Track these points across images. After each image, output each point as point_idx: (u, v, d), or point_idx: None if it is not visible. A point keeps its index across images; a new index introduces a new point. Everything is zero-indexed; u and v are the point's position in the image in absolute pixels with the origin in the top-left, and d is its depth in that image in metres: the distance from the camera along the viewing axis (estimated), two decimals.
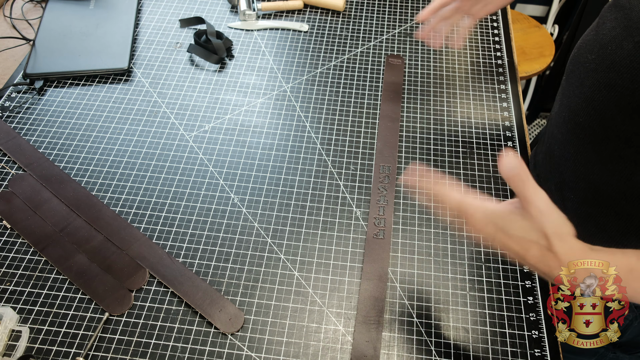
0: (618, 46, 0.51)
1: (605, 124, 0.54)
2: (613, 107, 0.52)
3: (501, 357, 0.58)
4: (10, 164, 0.74)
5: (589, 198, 0.60)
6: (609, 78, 0.52)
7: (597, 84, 0.53)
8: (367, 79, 0.86)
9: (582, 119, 0.57)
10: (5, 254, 0.65)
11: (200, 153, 0.76)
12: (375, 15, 0.97)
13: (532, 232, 0.45)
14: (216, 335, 0.59)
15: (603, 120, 0.54)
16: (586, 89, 0.55)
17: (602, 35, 0.54)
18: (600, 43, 0.53)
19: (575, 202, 0.62)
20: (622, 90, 0.50)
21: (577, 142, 0.59)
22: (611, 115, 0.52)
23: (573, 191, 0.62)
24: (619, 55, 0.50)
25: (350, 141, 0.78)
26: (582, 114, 0.57)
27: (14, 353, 0.57)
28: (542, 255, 0.46)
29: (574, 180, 0.62)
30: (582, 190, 0.61)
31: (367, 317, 0.60)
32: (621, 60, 0.50)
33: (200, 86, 0.85)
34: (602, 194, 0.58)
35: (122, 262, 0.64)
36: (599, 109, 0.54)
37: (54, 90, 0.84)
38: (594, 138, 0.56)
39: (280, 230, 0.68)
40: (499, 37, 0.93)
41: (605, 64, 0.52)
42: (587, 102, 0.55)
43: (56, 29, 0.90)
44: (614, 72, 0.51)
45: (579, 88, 0.57)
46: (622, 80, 0.50)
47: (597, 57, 0.54)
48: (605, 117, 0.53)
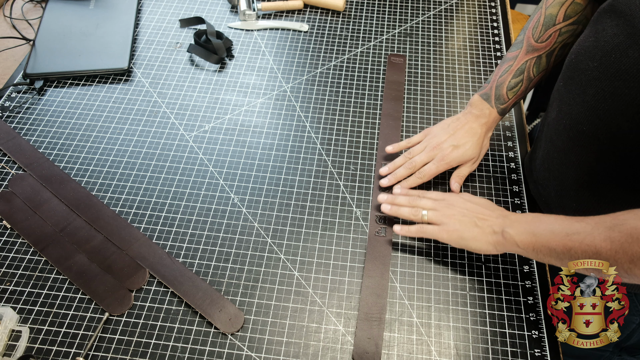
0: (623, 54, 0.50)
1: (611, 133, 0.53)
2: (619, 116, 0.52)
3: (501, 357, 0.58)
4: (10, 164, 0.74)
5: (594, 206, 0.60)
6: (614, 87, 0.51)
7: (601, 92, 0.53)
8: (367, 79, 0.86)
9: (586, 127, 0.56)
10: (5, 254, 0.65)
11: (200, 153, 0.76)
12: (375, 15, 0.97)
13: None
14: (216, 335, 0.59)
15: (609, 129, 0.53)
16: (589, 97, 0.55)
17: (603, 42, 0.53)
18: (603, 50, 0.53)
19: (579, 210, 0.62)
20: (628, 99, 0.50)
21: (580, 150, 0.58)
22: (617, 124, 0.52)
23: (575, 200, 0.62)
24: (625, 63, 0.50)
25: (350, 141, 0.78)
26: (585, 122, 0.56)
27: (14, 353, 0.57)
28: None
29: (576, 189, 0.61)
30: (587, 199, 0.60)
31: (368, 314, 0.60)
32: (627, 68, 0.50)
33: (200, 86, 0.85)
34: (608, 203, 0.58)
35: (122, 262, 0.64)
36: (604, 117, 0.53)
37: (54, 90, 0.84)
38: (598, 147, 0.56)
39: (280, 230, 0.68)
40: (499, 37, 0.93)
41: (609, 72, 0.52)
42: (590, 111, 0.55)
43: (56, 29, 0.90)
44: (620, 80, 0.50)
45: (581, 96, 0.56)
46: (629, 89, 0.49)
47: (599, 65, 0.53)
48: (610, 126, 0.53)
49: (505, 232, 0.55)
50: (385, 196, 0.66)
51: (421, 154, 0.68)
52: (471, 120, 0.69)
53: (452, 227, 0.59)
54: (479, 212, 0.60)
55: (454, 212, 0.61)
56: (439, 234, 0.60)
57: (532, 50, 0.66)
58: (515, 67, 0.67)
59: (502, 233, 0.56)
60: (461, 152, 0.67)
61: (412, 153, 0.70)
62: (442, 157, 0.67)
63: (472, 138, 0.68)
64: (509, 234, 0.55)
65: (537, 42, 0.65)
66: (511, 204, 0.71)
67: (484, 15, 0.97)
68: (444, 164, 0.67)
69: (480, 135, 0.69)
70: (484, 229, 0.58)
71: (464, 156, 0.68)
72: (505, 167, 0.75)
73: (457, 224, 0.59)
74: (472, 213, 0.60)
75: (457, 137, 0.68)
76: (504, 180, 0.73)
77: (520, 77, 0.67)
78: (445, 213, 0.61)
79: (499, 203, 0.71)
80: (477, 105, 0.70)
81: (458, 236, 0.59)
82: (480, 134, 0.69)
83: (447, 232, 0.59)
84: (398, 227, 0.63)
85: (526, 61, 0.67)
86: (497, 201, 0.71)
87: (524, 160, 0.76)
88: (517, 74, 0.67)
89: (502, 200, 0.71)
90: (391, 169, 0.70)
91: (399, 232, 0.63)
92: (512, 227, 0.55)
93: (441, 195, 0.64)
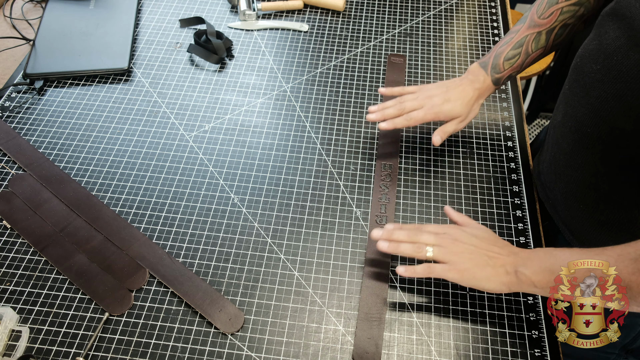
0: (624, 56, 0.51)
1: (614, 134, 0.54)
2: (622, 118, 0.52)
3: (501, 357, 0.58)
4: (10, 164, 0.74)
5: (601, 208, 0.60)
6: (616, 89, 0.52)
7: (605, 94, 0.53)
8: (367, 79, 0.86)
9: (590, 129, 0.56)
10: (5, 254, 0.65)
11: (200, 153, 0.76)
12: (375, 15, 0.97)
13: None
14: (216, 335, 0.59)
15: (612, 131, 0.54)
16: (593, 100, 0.55)
17: (605, 45, 0.53)
18: (605, 53, 0.53)
19: (586, 211, 0.62)
20: (631, 100, 0.50)
21: (585, 152, 0.59)
22: (620, 125, 0.52)
23: (581, 201, 0.62)
24: (626, 65, 0.50)
25: (350, 141, 0.78)
26: (589, 124, 0.56)
27: (14, 353, 0.57)
28: None
29: (582, 190, 0.62)
30: (593, 200, 0.61)
31: (368, 313, 0.60)
32: (628, 70, 0.50)
33: (200, 86, 0.85)
34: (613, 204, 0.58)
35: (122, 262, 0.64)
36: (608, 119, 0.54)
37: (54, 90, 0.84)
38: (602, 148, 0.56)
39: (280, 230, 0.68)
40: (499, 37, 0.93)
41: (611, 74, 0.52)
42: (594, 113, 0.55)
43: (56, 29, 0.90)
44: (622, 82, 0.51)
45: (585, 98, 0.57)
46: (631, 91, 0.50)
47: (602, 68, 0.54)
48: (614, 128, 0.53)
49: (520, 273, 0.52)
50: (380, 231, 0.59)
51: (412, 100, 0.69)
52: (465, 84, 0.70)
53: (462, 266, 0.55)
54: (488, 249, 0.56)
55: (461, 249, 0.56)
56: (448, 274, 0.55)
57: (534, 26, 0.68)
58: (515, 40, 0.69)
59: (515, 273, 0.53)
60: (450, 106, 0.68)
61: (403, 99, 0.70)
62: (432, 106, 0.68)
63: (464, 98, 0.69)
64: (524, 274, 0.52)
65: (539, 19, 0.67)
66: (511, 204, 0.71)
67: (484, 15, 0.97)
68: (432, 112, 0.68)
69: (472, 98, 0.70)
70: (497, 269, 0.54)
71: (452, 111, 0.68)
72: (505, 167, 0.75)
73: (467, 262, 0.55)
74: (481, 250, 0.56)
75: (449, 94, 0.69)
76: (504, 180, 0.73)
77: (519, 50, 0.68)
78: (452, 250, 0.56)
79: (499, 203, 0.71)
80: (473, 72, 0.71)
81: (470, 276, 0.55)
82: (472, 97, 0.70)
83: (457, 272, 0.55)
84: (402, 268, 0.57)
85: (526, 35, 0.68)
86: (497, 201, 0.71)
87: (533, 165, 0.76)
88: (515, 47, 0.69)
89: (502, 200, 0.71)
90: (380, 109, 0.70)
91: (404, 274, 0.57)
92: (525, 266, 0.52)
93: (441, 228, 0.59)
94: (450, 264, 0.55)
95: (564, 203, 0.66)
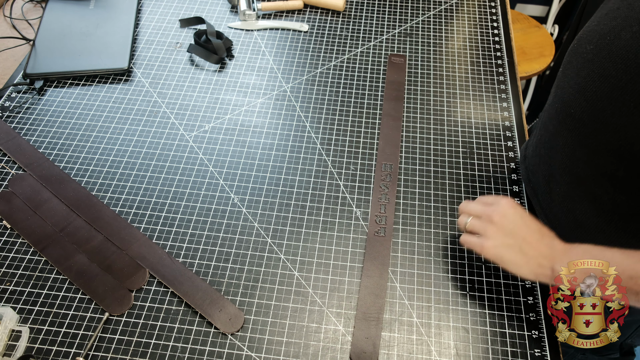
0: (616, 36, 0.49)
1: (595, 115, 0.52)
2: (604, 99, 0.50)
3: (501, 357, 0.58)
4: (10, 164, 0.74)
5: (572, 193, 0.59)
6: (603, 68, 0.50)
7: (592, 74, 0.51)
8: (367, 79, 0.86)
9: (574, 109, 0.55)
10: (5, 254, 0.65)
11: (200, 153, 0.76)
12: (375, 15, 0.97)
13: None
14: (216, 335, 0.59)
15: (593, 112, 0.52)
16: (581, 79, 0.53)
17: (602, 25, 0.52)
18: (600, 33, 0.51)
19: (560, 195, 0.61)
20: (615, 81, 0.49)
21: (567, 133, 0.57)
22: (602, 106, 0.50)
23: (559, 184, 0.61)
24: (616, 45, 0.49)
25: (350, 141, 0.78)
26: (574, 105, 0.55)
27: (14, 353, 0.57)
28: None
29: (560, 174, 0.60)
30: (567, 184, 0.59)
31: (366, 313, 0.60)
32: (617, 50, 0.48)
33: (200, 86, 0.85)
34: (585, 189, 0.57)
35: (122, 262, 0.64)
36: (591, 99, 0.52)
37: (54, 90, 0.84)
38: (582, 130, 0.54)
39: (280, 230, 0.68)
40: (499, 37, 0.93)
41: (602, 54, 0.50)
42: (580, 93, 0.53)
43: (56, 29, 0.90)
44: (610, 62, 0.49)
45: (575, 79, 0.55)
46: (616, 71, 0.48)
47: (595, 47, 0.52)
48: (595, 109, 0.51)
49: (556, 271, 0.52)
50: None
51: None
52: None
53: (492, 243, 0.55)
54: (525, 234, 0.55)
55: (498, 227, 0.56)
56: (476, 247, 0.56)
57: None
58: None
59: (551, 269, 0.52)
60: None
61: None
62: None
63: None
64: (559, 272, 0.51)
65: None
66: None
67: (484, 15, 0.97)
68: None
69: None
70: (529, 259, 0.54)
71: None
72: (505, 167, 0.75)
73: (498, 240, 0.55)
74: (518, 233, 0.55)
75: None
76: (504, 180, 0.73)
77: None
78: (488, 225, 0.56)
79: None
80: None
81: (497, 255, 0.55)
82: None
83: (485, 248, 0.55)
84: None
85: None
86: None
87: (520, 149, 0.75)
88: None
89: None
90: None
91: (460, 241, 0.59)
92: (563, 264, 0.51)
93: (492, 199, 0.59)
94: (482, 239, 0.56)
95: (545, 187, 0.64)
